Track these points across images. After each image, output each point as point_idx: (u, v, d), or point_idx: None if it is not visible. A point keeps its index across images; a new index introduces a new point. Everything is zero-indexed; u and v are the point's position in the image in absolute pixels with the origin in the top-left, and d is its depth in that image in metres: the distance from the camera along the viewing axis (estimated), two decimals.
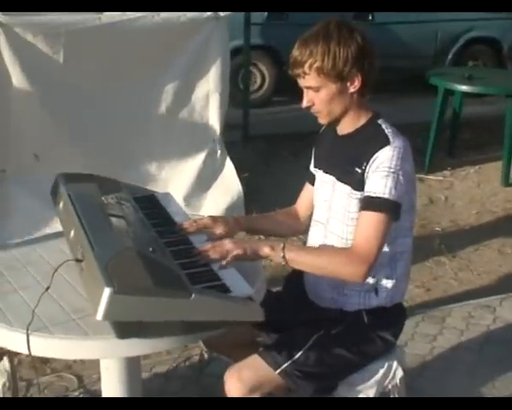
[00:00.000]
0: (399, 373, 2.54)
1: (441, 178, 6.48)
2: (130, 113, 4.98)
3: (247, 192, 5.39)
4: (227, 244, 2.24)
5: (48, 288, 2.02)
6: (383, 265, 2.40)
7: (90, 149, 4.82)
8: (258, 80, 9.01)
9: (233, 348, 2.70)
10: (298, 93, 2.47)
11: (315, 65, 2.30)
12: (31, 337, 1.92)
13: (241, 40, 7.09)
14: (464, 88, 6.50)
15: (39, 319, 1.98)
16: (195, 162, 5.27)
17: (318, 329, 2.44)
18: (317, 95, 2.35)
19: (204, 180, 5.29)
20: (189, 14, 5.01)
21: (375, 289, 2.44)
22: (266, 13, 8.72)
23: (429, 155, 6.67)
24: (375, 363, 2.51)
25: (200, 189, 5.25)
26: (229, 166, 5.40)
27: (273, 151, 7.17)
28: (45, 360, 3.49)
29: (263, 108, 8.67)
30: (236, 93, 7.10)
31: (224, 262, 2.18)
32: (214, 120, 5.29)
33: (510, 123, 6.40)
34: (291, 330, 2.48)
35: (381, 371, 2.51)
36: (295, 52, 2.35)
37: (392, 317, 2.52)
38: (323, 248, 2.45)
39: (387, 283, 2.44)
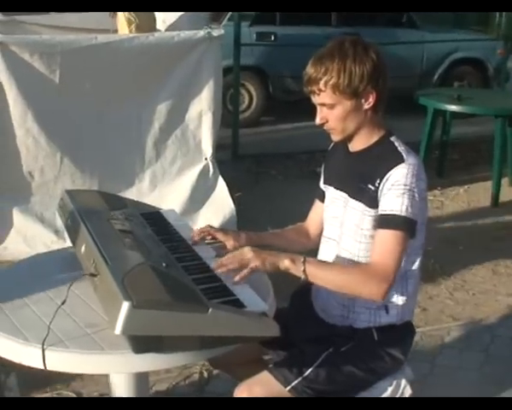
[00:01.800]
0: (408, 391, 2.53)
1: (431, 197, 6.50)
2: (124, 131, 5.01)
3: (239, 210, 5.40)
4: (247, 253, 2.22)
5: (64, 302, 2.01)
6: (395, 283, 2.40)
7: (84, 168, 4.83)
8: (246, 100, 9.04)
9: (239, 365, 2.68)
10: (285, 113, 2.48)
11: (330, 82, 2.30)
12: (46, 352, 1.90)
13: (230, 60, 7.12)
14: (454, 108, 6.55)
15: (54, 334, 1.96)
16: (188, 181, 5.29)
17: (328, 346, 2.42)
18: (332, 112, 2.35)
19: (197, 198, 5.31)
20: (183, 34, 5.05)
21: (386, 306, 2.43)
22: (255, 34, 8.77)
23: None
24: (384, 381, 2.50)
25: (192, 207, 5.26)
26: (221, 185, 5.43)
27: (262, 170, 7.20)
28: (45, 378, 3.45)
29: (251, 127, 8.70)
30: (225, 113, 7.13)
31: (238, 277, 2.16)
32: (207, 139, 5.32)
33: (500, 143, 6.45)
34: (300, 347, 2.46)
35: (390, 389, 2.50)
36: (310, 69, 2.34)
37: (401, 334, 2.51)
38: (343, 265, 2.42)
39: (398, 300, 2.44)
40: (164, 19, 5.38)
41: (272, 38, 8.97)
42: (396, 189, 2.27)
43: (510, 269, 5.07)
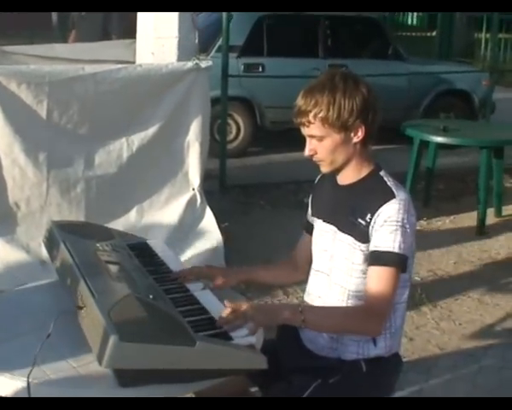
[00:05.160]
0: None
1: (418, 227, 6.47)
2: (111, 162, 4.98)
3: (227, 241, 5.39)
4: (247, 310, 2.20)
5: (49, 335, 1.99)
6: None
7: (71, 198, 4.80)
8: (234, 131, 9.06)
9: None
10: (272, 144, 2.49)
11: (320, 115, 2.33)
12: (31, 386, 1.89)
13: (218, 91, 7.14)
14: (440, 139, 6.58)
15: (39, 368, 1.94)
16: (176, 211, 5.27)
17: (316, 377, 2.42)
18: (321, 144, 2.38)
19: (184, 229, 5.28)
20: (171, 65, 5.06)
21: (374, 339, 2.43)
22: (243, 65, 8.82)
23: None
24: None
25: (180, 237, 5.23)
26: (208, 215, 5.41)
27: (250, 201, 7.20)
28: None
29: (238, 158, 8.71)
30: (212, 143, 7.13)
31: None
32: (194, 169, 5.31)
33: (485, 174, 6.49)
34: (288, 379, 2.46)
35: None
36: (300, 102, 2.37)
37: (389, 366, 2.51)
38: (338, 308, 2.44)
39: (386, 333, 2.44)
40: (153, 51, 5.40)
41: (260, 69, 9.02)
42: (389, 225, 2.30)
43: (496, 299, 5.08)
